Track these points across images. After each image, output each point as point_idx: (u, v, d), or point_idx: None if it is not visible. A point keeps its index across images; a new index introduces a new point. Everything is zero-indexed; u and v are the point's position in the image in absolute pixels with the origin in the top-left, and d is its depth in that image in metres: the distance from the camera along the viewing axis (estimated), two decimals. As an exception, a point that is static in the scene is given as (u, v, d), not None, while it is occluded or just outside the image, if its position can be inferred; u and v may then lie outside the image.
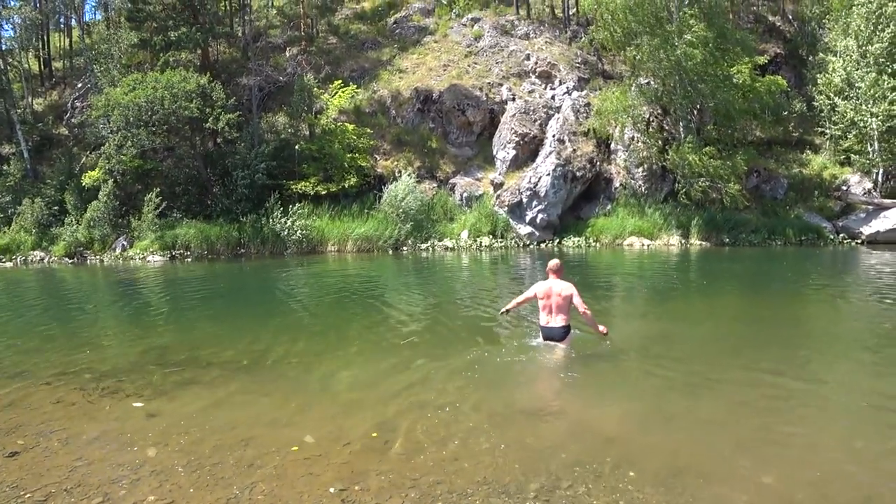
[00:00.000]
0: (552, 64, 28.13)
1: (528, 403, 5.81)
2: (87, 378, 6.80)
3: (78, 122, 29.10)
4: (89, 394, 6.20)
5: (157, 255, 22.55)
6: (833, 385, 6.38)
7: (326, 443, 4.78)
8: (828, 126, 25.73)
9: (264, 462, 4.42)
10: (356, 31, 33.05)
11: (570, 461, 4.40)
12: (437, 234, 23.34)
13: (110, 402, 5.96)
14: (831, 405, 5.83)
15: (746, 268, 17.30)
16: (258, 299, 13.08)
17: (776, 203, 24.72)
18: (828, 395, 6.10)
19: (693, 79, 22.70)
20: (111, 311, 12.42)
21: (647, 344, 8.12)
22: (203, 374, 6.87)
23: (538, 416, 5.45)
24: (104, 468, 4.37)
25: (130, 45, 28.08)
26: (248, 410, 5.64)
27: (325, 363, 7.37)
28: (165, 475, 4.22)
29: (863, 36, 24.63)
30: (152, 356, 7.90)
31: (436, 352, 7.58)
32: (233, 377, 6.74)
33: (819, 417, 5.52)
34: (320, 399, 6.01)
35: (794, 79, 28.47)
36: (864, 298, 11.93)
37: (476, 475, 4.19)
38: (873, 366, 7.17)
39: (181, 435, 5.00)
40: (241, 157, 24.00)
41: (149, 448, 4.73)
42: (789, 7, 32.92)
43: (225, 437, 4.93)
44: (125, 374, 6.94)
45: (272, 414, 5.53)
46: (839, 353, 7.80)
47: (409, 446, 4.69)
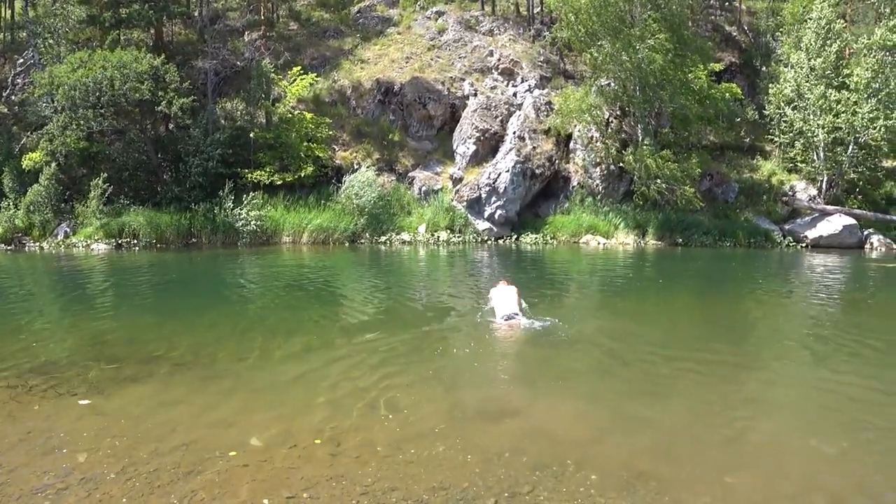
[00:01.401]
0: (515, 61, 28.16)
1: (486, 404, 5.71)
2: (16, 374, 6.34)
3: (19, 101, 27.51)
4: (16, 392, 5.77)
5: (103, 242, 21.52)
6: (785, 384, 6.55)
7: (273, 446, 4.55)
8: (777, 134, 26.63)
9: (206, 467, 4.16)
10: (318, 18, 32.32)
11: (530, 464, 4.30)
12: (395, 228, 23.07)
13: (40, 400, 5.55)
14: (785, 403, 5.96)
15: (699, 267, 17.72)
16: (208, 291, 12.60)
17: (727, 206, 25.47)
18: (782, 394, 6.24)
19: (652, 83, 23.09)
20: (49, 301, 11.75)
21: (603, 342, 8.14)
22: (144, 371, 6.51)
23: (496, 417, 5.35)
24: (27, 476, 4.03)
25: (78, 21, 26.68)
26: (191, 410, 5.35)
27: (274, 360, 7.08)
28: (95, 483, 3.92)
29: (812, 50, 25.57)
30: (90, 351, 7.46)
31: (391, 349, 7.40)
32: (176, 374, 6.41)
33: (775, 416, 5.62)
34: (268, 398, 5.72)
35: (747, 87, 29.32)
36: (807, 298, 12.39)
37: (432, 480, 4.05)
38: (819, 364, 7.38)
39: (116, 438, 4.67)
40: (195, 143, 23.12)
41: (79, 453, 4.39)
42: (746, 19, 33.90)
43: (164, 439, 4.63)
44: (59, 370, 6.50)
45: (216, 414, 5.25)
46: (788, 352, 8.01)
47: (361, 450, 4.51)
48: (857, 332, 8.97)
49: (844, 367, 7.16)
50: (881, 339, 8.49)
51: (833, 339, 8.57)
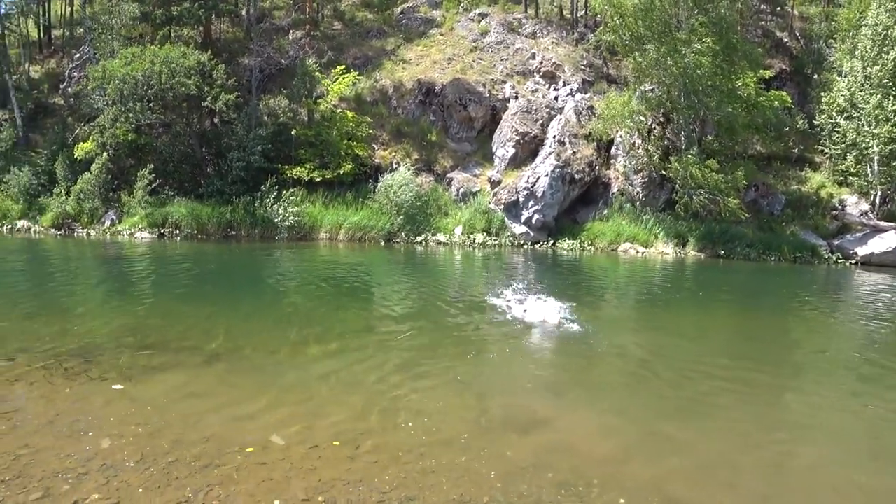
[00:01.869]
0: (557, 64, 27.83)
1: (513, 413, 5.57)
2: (53, 356, 6.49)
3: (74, 93, 28.57)
4: (51, 373, 5.90)
5: (146, 231, 22.16)
6: (828, 409, 6.19)
7: (293, 445, 4.51)
8: (828, 145, 25.58)
9: (224, 462, 4.14)
10: (362, 18, 32.61)
11: (555, 481, 4.14)
12: (431, 229, 23.04)
13: (72, 384, 5.67)
14: (829, 431, 5.61)
15: (741, 281, 17.13)
16: (244, 284, 12.77)
17: (773, 219, 24.58)
18: (825, 420, 5.89)
19: (698, 89, 22.47)
20: (91, 286, 12.09)
21: (637, 355, 7.89)
22: (175, 360, 6.59)
23: (522, 428, 5.19)
24: (50, 458, 4.09)
25: (132, 18, 27.56)
26: (216, 402, 5.36)
27: (303, 356, 7.09)
28: (115, 471, 3.94)
29: (868, 57, 24.50)
30: (125, 337, 7.60)
31: (420, 351, 7.33)
32: (205, 365, 6.46)
33: (817, 444, 5.30)
34: (294, 395, 5.71)
35: (797, 96, 28.27)
36: (856, 319, 11.78)
37: (452, 492, 3.93)
38: (866, 390, 6.97)
39: (140, 425, 4.71)
40: (238, 139, 23.60)
41: (103, 438, 4.44)
42: (797, 24, 32.71)
43: (186, 430, 4.65)
44: (93, 355, 6.64)
45: (241, 408, 5.24)
46: (833, 375, 7.61)
47: (381, 454, 4.43)
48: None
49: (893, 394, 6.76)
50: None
51: (882, 364, 8.12)
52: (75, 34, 34.68)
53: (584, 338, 8.56)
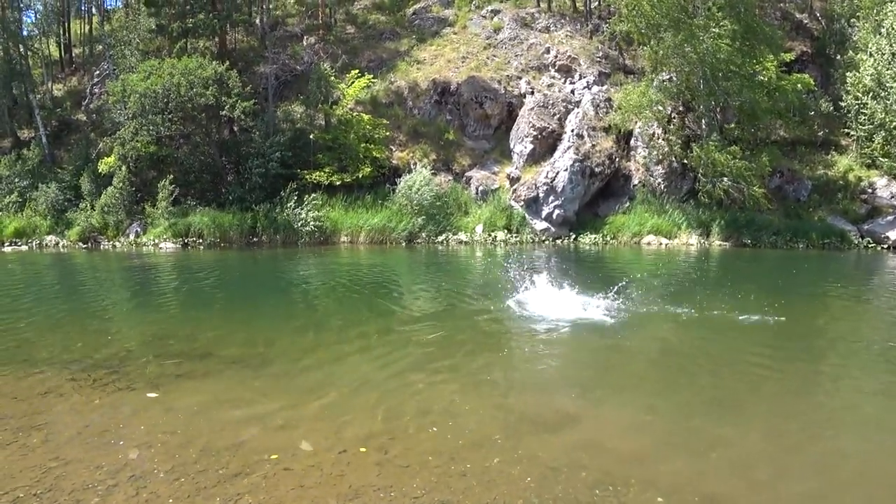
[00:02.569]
0: (572, 58, 27.55)
1: (543, 411, 5.45)
2: (81, 367, 6.56)
3: (95, 108, 29.10)
4: (80, 384, 5.95)
5: (170, 241, 22.46)
6: (874, 400, 5.96)
7: (322, 451, 4.45)
8: (855, 127, 24.92)
9: (253, 470, 4.10)
10: (374, 21, 32.66)
11: (590, 481, 4.02)
12: (452, 228, 22.97)
13: (101, 394, 5.70)
14: (876, 422, 5.38)
15: (769, 270, 16.74)
16: (268, 290, 12.84)
17: (799, 205, 24.01)
18: (871, 411, 5.66)
19: (718, 75, 22.05)
20: (118, 297, 12.25)
21: (665, 348, 7.73)
22: (201, 368, 6.60)
23: (554, 426, 5.08)
24: (80, 470, 4.09)
25: (148, 31, 27.97)
26: (244, 410, 5.34)
27: (329, 360, 7.06)
28: (144, 481, 3.93)
29: (895, 34, 23.80)
30: (152, 346, 7.66)
31: (446, 351, 7.25)
32: (232, 372, 6.47)
33: (865, 437, 5.06)
34: (321, 400, 5.66)
35: (820, 78, 27.58)
36: (892, 305, 11.42)
37: (485, 496, 3.82)
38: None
39: (168, 434, 4.71)
40: (256, 146, 23.81)
41: (132, 449, 4.44)
42: (817, 4, 31.92)
43: (215, 439, 4.63)
44: (121, 365, 6.69)
45: (268, 415, 5.22)
46: (874, 363, 7.34)
47: (412, 458, 4.35)
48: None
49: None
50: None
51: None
52: (95, 51, 35.34)
53: (611, 332, 8.40)
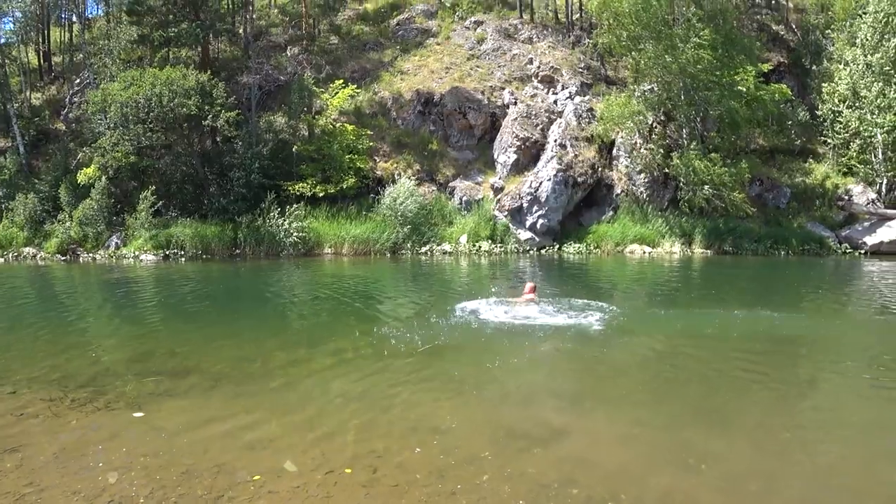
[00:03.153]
0: (555, 68, 27.79)
1: (532, 426, 5.41)
2: (58, 386, 6.38)
3: (75, 118, 28.69)
4: (56, 405, 5.78)
5: (151, 253, 22.13)
6: (860, 406, 6.02)
7: (308, 471, 4.35)
8: (831, 135, 25.45)
9: (237, 493, 4.00)
10: (358, 31, 32.68)
11: (582, 498, 3.97)
12: (436, 238, 22.94)
13: (77, 415, 5.54)
14: (864, 431, 5.40)
15: (751, 277, 16.93)
16: (251, 304, 12.67)
17: (779, 212, 24.40)
18: (858, 419, 5.68)
19: (698, 84, 22.37)
20: (97, 312, 12.02)
21: (653, 359, 7.74)
22: (182, 386, 6.47)
23: (543, 441, 5.03)
24: (56, 496, 3.95)
25: (130, 41, 27.69)
26: (227, 429, 5.22)
27: (313, 376, 6.95)
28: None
29: (869, 45, 24.37)
30: (132, 363, 7.50)
31: (432, 366, 7.18)
32: (214, 389, 6.34)
33: (852, 444, 5.08)
34: (305, 417, 5.57)
35: (796, 88, 28.13)
36: (871, 310, 11.63)
37: (474, 513, 3.77)
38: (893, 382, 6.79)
39: (148, 456, 4.58)
40: (239, 157, 23.61)
41: (111, 472, 4.31)
42: (793, 16, 32.63)
43: (197, 460, 4.51)
44: (99, 383, 6.53)
45: (252, 434, 5.11)
46: (857, 370, 7.41)
47: (400, 477, 4.27)
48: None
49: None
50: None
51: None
52: (75, 60, 34.90)
53: (598, 343, 8.41)
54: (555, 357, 7.83)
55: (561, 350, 8.15)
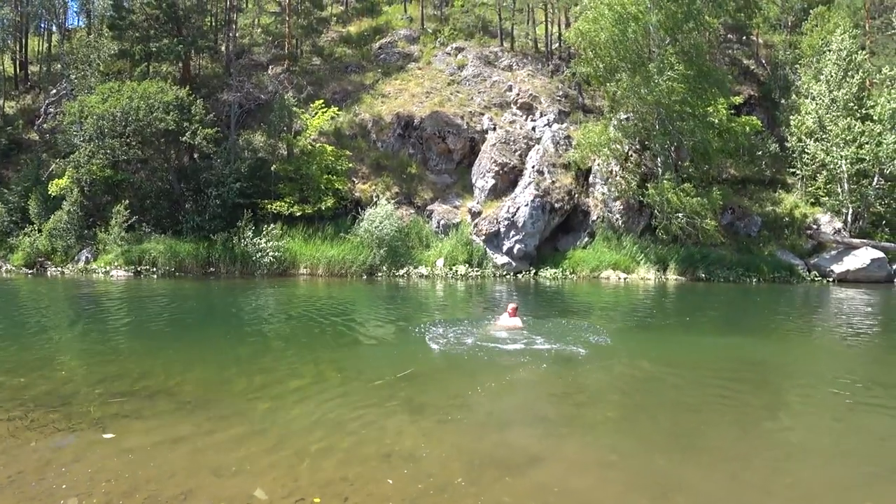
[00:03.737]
0: (534, 96, 28.27)
1: (504, 452, 5.38)
2: (20, 405, 6.16)
3: (49, 128, 28.23)
4: (15, 425, 5.57)
5: (122, 269, 21.69)
6: (829, 430, 6.14)
7: (277, 499, 4.25)
8: (799, 166, 26.28)
9: (203, 521, 3.90)
10: (341, 53, 32.92)
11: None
12: (413, 261, 22.91)
13: (38, 436, 5.34)
14: (835, 454, 5.51)
15: (724, 304, 17.23)
16: (223, 323, 12.46)
17: (750, 240, 25.00)
18: (827, 443, 5.79)
19: (672, 116, 22.95)
20: (63, 328, 11.69)
21: (628, 386, 7.78)
22: (150, 407, 6.30)
23: (516, 468, 4.99)
24: (13, 525, 3.82)
25: (110, 55, 27.48)
26: (194, 453, 5.09)
27: (285, 400, 6.82)
28: (84, 536, 3.68)
29: (834, 81, 25.35)
30: (98, 383, 7.29)
31: (406, 392, 7.11)
32: (182, 411, 6.19)
33: (823, 468, 5.17)
34: (276, 442, 5.44)
35: (766, 120, 29.07)
36: (839, 336, 11.92)
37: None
38: (859, 406, 6.94)
39: (111, 481, 4.43)
40: (217, 174, 23.42)
41: (70, 498, 4.14)
42: (763, 52, 33.83)
43: (162, 486, 4.38)
44: (62, 403, 6.32)
45: (220, 458, 4.98)
46: (825, 395, 7.55)
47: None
48: (893, 371, 8.53)
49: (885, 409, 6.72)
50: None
51: (870, 379, 8.14)
52: (52, 70, 34.46)
53: (574, 368, 8.44)
54: (531, 382, 7.83)
55: (537, 375, 8.16)
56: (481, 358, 8.88)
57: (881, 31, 31.36)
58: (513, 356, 9.00)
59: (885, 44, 30.77)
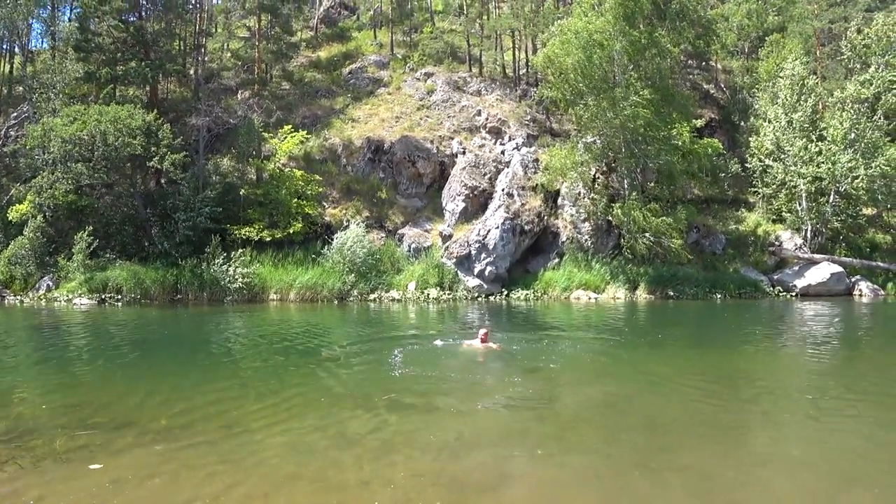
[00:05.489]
0: (502, 120, 28.74)
1: (480, 473, 5.38)
2: (-22, 444, 5.95)
3: (10, 152, 27.51)
4: (-24, 465, 5.38)
5: (85, 297, 21.06)
6: (795, 440, 6.29)
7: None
8: (760, 186, 27.19)
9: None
10: (310, 78, 33.02)
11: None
12: (384, 286, 22.82)
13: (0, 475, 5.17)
14: (800, 463, 5.65)
15: (693, 321, 17.59)
16: (191, 352, 12.21)
17: (715, 258, 25.63)
18: (793, 453, 5.93)
19: (638, 139, 23.57)
20: (22, 359, 11.30)
21: (601, 403, 7.86)
22: (117, 440, 6.13)
23: (493, 489, 5.00)
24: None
25: (75, 77, 27.04)
26: (165, 486, 4.96)
27: (257, 429, 6.69)
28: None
29: (789, 104, 26.44)
30: (62, 416, 7.07)
31: (380, 417, 7.05)
32: (152, 444, 6.03)
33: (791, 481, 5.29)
34: (250, 472, 5.33)
35: (727, 142, 30.06)
36: (802, 349, 12.32)
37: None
38: (823, 416, 7.15)
39: (79, 519, 4.31)
40: (185, 200, 23.08)
41: (35, 538, 4.02)
42: (722, 77, 35.14)
43: (132, 522, 4.27)
44: (24, 439, 6.11)
45: (193, 491, 4.87)
46: (791, 406, 7.75)
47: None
48: (856, 381, 8.80)
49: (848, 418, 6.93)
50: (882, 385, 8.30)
51: (833, 390, 8.40)
52: (14, 93, 33.69)
53: (547, 387, 8.51)
54: (504, 403, 7.85)
55: (510, 396, 8.19)
56: (454, 380, 8.88)
57: (831, 57, 32.88)
58: (484, 377, 9.03)
59: (834, 69, 32.25)
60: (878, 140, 25.15)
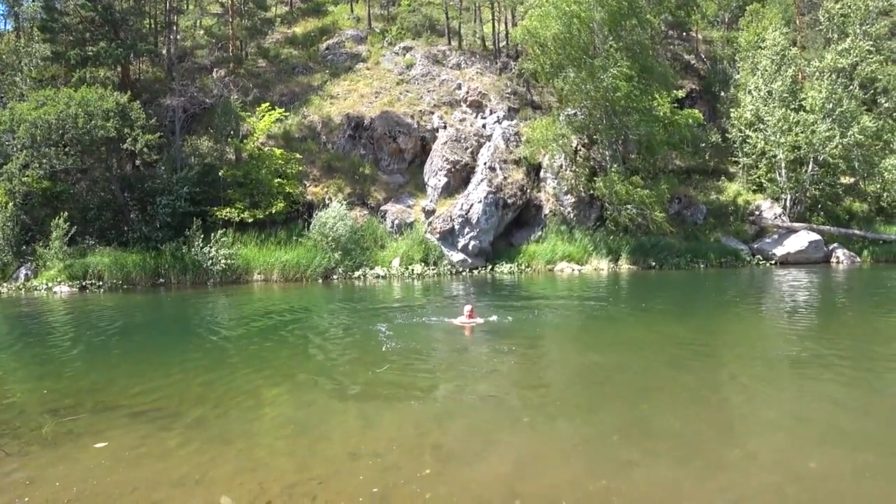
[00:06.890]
0: (483, 93, 28.53)
1: (470, 442, 5.47)
2: (-37, 431, 5.90)
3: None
4: (-38, 453, 5.34)
5: (66, 285, 20.78)
6: (775, 404, 6.45)
7: (246, 503, 4.23)
8: (740, 156, 27.42)
9: (168, 533, 3.84)
10: (287, 55, 32.40)
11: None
12: (369, 263, 22.80)
13: (-13, 461, 5.14)
14: (779, 425, 5.80)
15: (676, 290, 17.84)
16: (174, 335, 12.14)
17: (697, 228, 25.92)
18: (773, 416, 6.10)
19: (618, 110, 23.56)
20: (5, 348, 11.17)
21: (587, 371, 7.98)
22: (104, 422, 6.12)
23: (482, 457, 5.09)
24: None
25: (42, 59, 26.26)
26: (155, 465, 4.98)
27: (244, 407, 6.72)
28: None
29: (769, 75, 26.55)
30: (46, 402, 7.02)
31: (366, 390, 7.12)
32: (138, 425, 6.03)
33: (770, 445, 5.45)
34: (240, 449, 5.37)
35: (708, 112, 30.17)
36: (780, 314, 12.63)
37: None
38: (804, 378, 7.34)
39: (72, 501, 4.31)
40: (163, 182, 22.70)
41: (27, 520, 4.03)
42: (703, 47, 35.11)
43: (124, 502, 4.28)
44: (10, 426, 6.07)
45: (183, 469, 4.90)
46: (772, 369, 7.93)
47: (341, 502, 4.22)
48: (832, 345, 9.04)
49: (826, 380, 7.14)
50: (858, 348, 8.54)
51: (811, 351, 8.62)
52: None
53: (534, 358, 8.61)
54: (491, 373, 7.94)
55: (497, 367, 8.28)
56: (439, 353, 8.95)
57: (810, 26, 32.98)
58: (471, 349, 9.11)
59: (814, 39, 32.37)
60: (855, 109, 25.40)
